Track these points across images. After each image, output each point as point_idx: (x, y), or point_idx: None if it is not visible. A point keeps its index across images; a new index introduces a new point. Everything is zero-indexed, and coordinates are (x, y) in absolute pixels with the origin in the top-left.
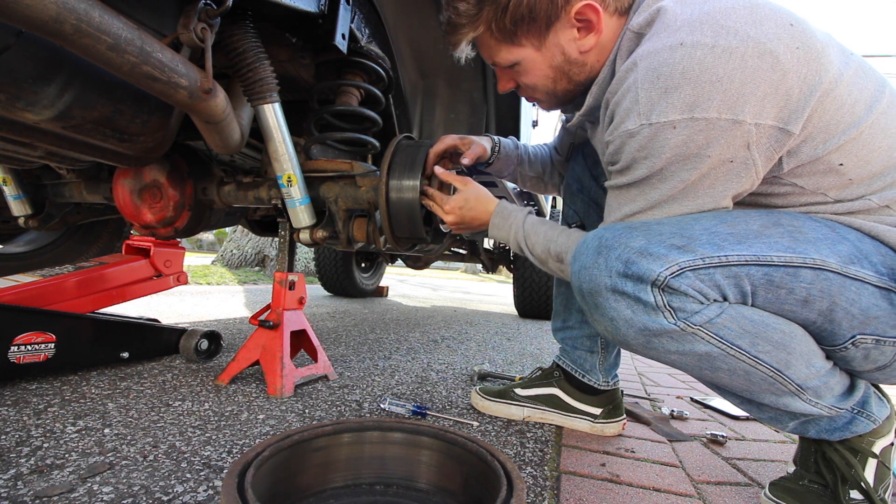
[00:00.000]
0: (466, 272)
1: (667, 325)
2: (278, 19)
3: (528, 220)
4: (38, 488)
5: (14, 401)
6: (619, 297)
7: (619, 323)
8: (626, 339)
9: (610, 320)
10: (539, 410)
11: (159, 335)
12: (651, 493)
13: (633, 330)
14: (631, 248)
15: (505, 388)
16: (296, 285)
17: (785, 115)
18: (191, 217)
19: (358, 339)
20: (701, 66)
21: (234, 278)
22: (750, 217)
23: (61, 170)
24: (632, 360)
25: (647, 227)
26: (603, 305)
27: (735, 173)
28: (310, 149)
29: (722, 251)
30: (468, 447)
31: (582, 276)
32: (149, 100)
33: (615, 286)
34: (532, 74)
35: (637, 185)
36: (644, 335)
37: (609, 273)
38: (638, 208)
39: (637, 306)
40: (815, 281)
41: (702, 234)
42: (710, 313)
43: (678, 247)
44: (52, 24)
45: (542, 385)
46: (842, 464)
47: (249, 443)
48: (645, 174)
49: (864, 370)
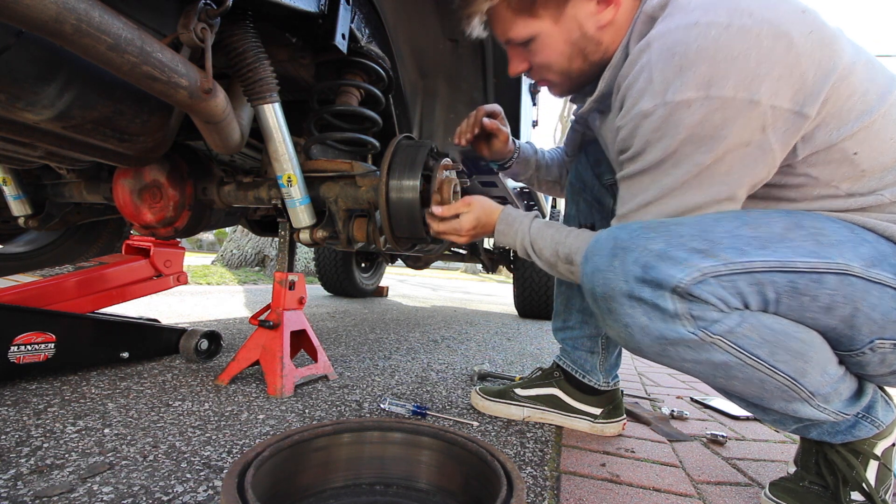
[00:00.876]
0: (466, 272)
1: (686, 334)
2: (278, 19)
3: (534, 224)
4: (38, 488)
5: (14, 401)
6: (636, 303)
7: (634, 330)
8: (640, 346)
9: (624, 327)
10: (539, 410)
11: (159, 335)
12: (651, 493)
13: (649, 338)
14: (650, 251)
15: (505, 388)
16: (296, 285)
17: (801, 99)
18: (191, 217)
19: (358, 339)
20: (716, 44)
21: (234, 278)
22: (771, 218)
23: (61, 170)
24: (632, 360)
25: (665, 228)
26: (617, 311)
27: (752, 158)
28: (310, 149)
29: (745, 256)
30: (468, 447)
31: (595, 278)
32: (149, 100)
33: (632, 291)
34: (547, 51)
35: (650, 172)
36: (660, 343)
37: (625, 277)
38: (650, 197)
39: (654, 313)
40: (840, 287)
41: (724, 237)
42: (730, 322)
43: (700, 251)
44: (52, 24)
45: (542, 385)
46: (843, 465)
47: (249, 443)
48: (659, 157)
49: (876, 374)
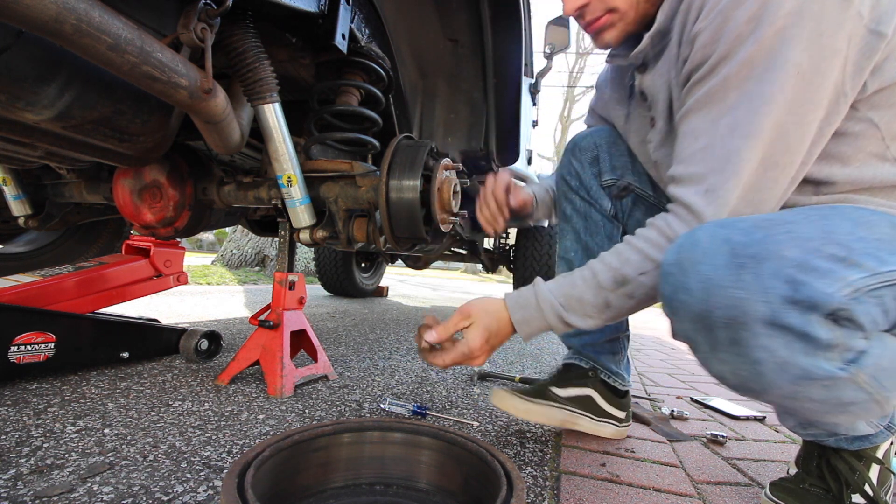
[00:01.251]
0: (466, 272)
1: (834, 371)
2: (278, 19)
3: (549, 287)
4: (38, 488)
5: (14, 401)
6: (778, 331)
7: (767, 367)
8: (767, 387)
9: (753, 364)
10: (574, 414)
11: (159, 335)
12: (651, 493)
13: (787, 377)
14: (788, 261)
15: (539, 387)
16: (296, 285)
17: (877, 15)
18: (191, 217)
19: (358, 339)
20: None
21: (234, 278)
22: (869, 216)
23: (61, 170)
24: (632, 359)
25: (783, 227)
26: (748, 342)
27: (838, 73)
28: (310, 149)
29: (886, 265)
30: (468, 447)
31: (713, 297)
32: (149, 100)
33: (775, 317)
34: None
35: (738, 82)
36: (798, 384)
37: (766, 297)
38: (737, 120)
39: (799, 345)
40: None
41: (852, 239)
42: (876, 352)
43: (840, 259)
44: (52, 24)
45: (579, 385)
46: (846, 470)
47: (249, 443)
48: (750, 54)
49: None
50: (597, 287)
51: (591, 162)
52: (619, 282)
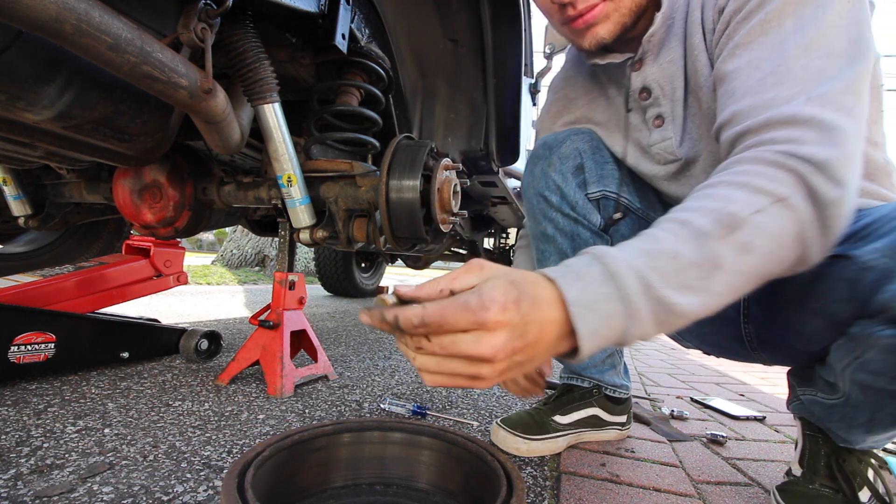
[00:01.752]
0: None
1: None
2: (278, 19)
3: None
4: (38, 488)
5: (14, 401)
6: None
7: None
8: None
9: None
10: (578, 434)
11: (159, 335)
12: (651, 493)
13: None
14: None
15: (537, 419)
16: (296, 285)
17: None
18: (191, 217)
19: (358, 339)
20: None
21: (234, 278)
22: None
23: (61, 170)
24: (631, 359)
25: None
26: None
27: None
28: (310, 149)
29: None
30: (468, 447)
31: None
32: (149, 100)
33: None
34: None
35: (793, 9)
36: None
37: None
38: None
39: None
40: None
41: None
42: None
43: None
44: (52, 24)
45: (581, 407)
46: (860, 469)
47: (249, 443)
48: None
49: None
50: (695, 235)
51: (575, 171)
52: (726, 224)
